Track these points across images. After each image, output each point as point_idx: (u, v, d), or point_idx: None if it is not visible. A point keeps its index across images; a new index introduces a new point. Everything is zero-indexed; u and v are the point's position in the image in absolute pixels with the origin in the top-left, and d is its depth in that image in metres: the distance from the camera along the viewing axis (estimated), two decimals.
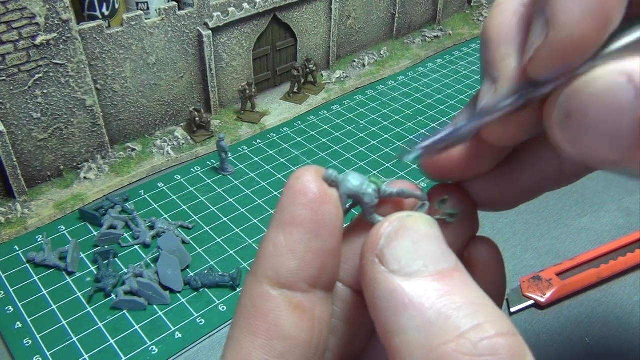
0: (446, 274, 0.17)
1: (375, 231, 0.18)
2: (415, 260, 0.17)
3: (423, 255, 0.17)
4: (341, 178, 0.20)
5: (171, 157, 0.71)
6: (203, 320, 0.51)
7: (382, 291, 0.17)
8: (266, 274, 0.18)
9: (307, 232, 0.18)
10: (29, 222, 0.61)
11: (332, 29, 0.87)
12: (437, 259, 0.17)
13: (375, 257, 0.18)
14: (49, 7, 0.58)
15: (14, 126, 0.61)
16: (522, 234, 0.61)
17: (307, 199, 0.18)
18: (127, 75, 0.68)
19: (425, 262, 0.17)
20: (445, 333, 0.16)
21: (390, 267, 0.17)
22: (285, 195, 0.19)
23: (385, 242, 0.18)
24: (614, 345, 0.49)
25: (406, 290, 0.17)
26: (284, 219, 0.19)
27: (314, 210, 0.18)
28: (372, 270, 0.18)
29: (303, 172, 0.19)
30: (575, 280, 0.53)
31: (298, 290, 0.18)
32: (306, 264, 0.18)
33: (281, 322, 0.18)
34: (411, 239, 0.18)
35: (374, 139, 0.76)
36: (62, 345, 0.49)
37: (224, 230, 0.61)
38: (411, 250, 0.17)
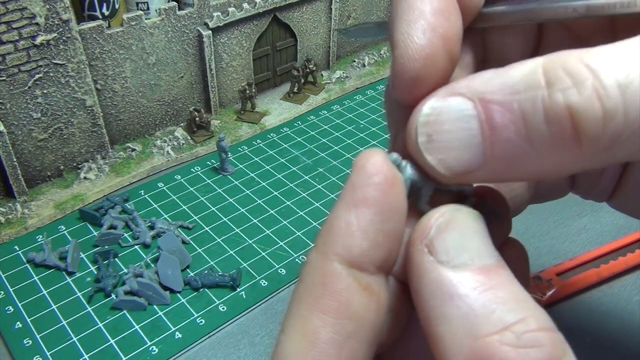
0: (491, 269, 0.18)
1: (425, 221, 0.19)
2: (462, 253, 0.18)
3: (470, 249, 0.18)
4: (404, 164, 0.20)
5: (171, 157, 0.71)
6: (203, 320, 0.51)
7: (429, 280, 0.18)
8: (337, 252, 0.18)
9: (378, 213, 0.18)
10: (29, 222, 0.61)
11: (332, 29, 0.87)
12: (483, 254, 0.18)
13: (425, 246, 0.18)
14: (49, 7, 0.58)
15: (14, 126, 0.61)
16: (522, 234, 0.61)
17: (379, 180, 0.18)
18: (127, 75, 0.68)
19: (472, 256, 0.18)
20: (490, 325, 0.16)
21: (439, 258, 0.18)
22: (356, 174, 0.19)
23: (436, 233, 0.18)
24: (614, 345, 0.49)
25: (453, 281, 0.17)
26: (355, 198, 0.18)
27: (385, 193, 0.18)
28: (421, 259, 0.18)
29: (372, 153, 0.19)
30: (575, 280, 0.53)
31: (367, 271, 0.18)
32: (377, 246, 0.18)
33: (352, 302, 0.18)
34: (460, 232, 0.18)
35: (374, 139, 0.76)
36: (62, 345, 0.49)
37: (224, 230, 0.61)
38: (459, 243, 0.18)
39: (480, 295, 0.17)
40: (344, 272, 0.18)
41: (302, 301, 0.18)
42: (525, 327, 0.16)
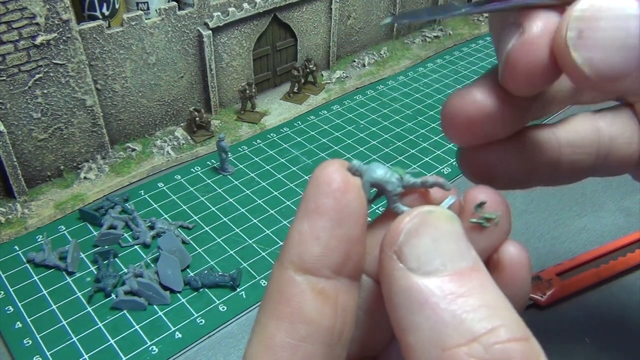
0: (464, 274, 0.17)
1: (395, 226, 0.18)
2: (434, 259, 0.17)
3: (442, 254, 0.17)
4: (365, 167, 0.20)
5: (171, 157, 0.71)
6: (203, 320, 0.51)
7: (399, 288, 0.17)
8: (291, 260, 0.19)
9: (331, 219, 0.18)
10: (29, 222, 0.61)
11: (332, 29, 0.87)
12: (456, 258, 0.17)
13: (394, 253, 0.18)
14: (49, 7, 0.58)
15: (14, 126, 0.61)
16: (522, 234, 0.61)
17: (331, 188, 0.19)
18: (127, 75, 0.68)
19: (444, 261, 0.17)
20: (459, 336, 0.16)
21: (409, 265, 0.17)
22: (310, 185, 0.19)
23: (405, 239, 0.18)
24: (614, 345, 0.49)
25: (423, 289, 0.17)
26: (308, 208, 0.19)
27: (337, 199, 0.19)
28: (390, 266, 0.18)
29: (327, 163, 0.19)
30: (575, 280, 0.53)
31: (322, 276, 0.18)
32: (330, 251, 0.18)
33: (304, 307, 0.18)
34: (431, 236, 0.18)
35: (374, 139, 0.76)
36: (62, 345, 0.49)
37: (224, 230, 0.61)
38: (430, 248, 0.17)
39: (450, 304, 0.16)
40: (298, 279, 0.18)
41: (262, 309, 0.19)
42: (495, 338, 0.16)
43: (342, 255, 0.19)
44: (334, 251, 0.19)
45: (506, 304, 0.17)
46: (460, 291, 0.16)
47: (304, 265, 0.18)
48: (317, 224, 0.19)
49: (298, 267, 0.18)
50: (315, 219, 0.19)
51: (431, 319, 0.16)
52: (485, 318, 0.16)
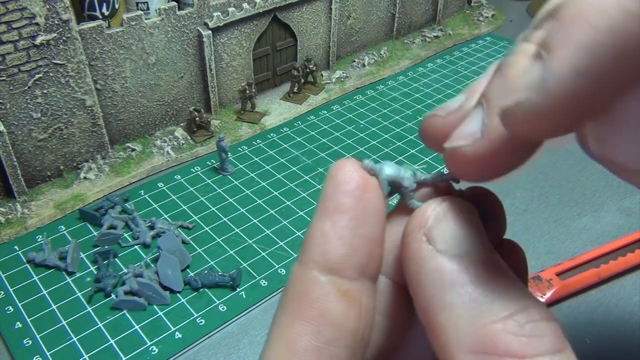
0: (488, 260, 0.18)
1: (422, 211, 0.19)
2: (461, 243, 0.18)
3: (467, 239, 0.18)
4: (378, 166, 0.20)
5: (171, 157, 0.71)
6: (203, 320, 0.51)
7: (429, 269, 0.18)
8: (315, 260, 0.18)
9: (353, 218, 0.18)
10: (29, 222, 0.61)
11: (332, 29, 0.87)
12: (479, 244, 0.18)
13: (423, 235, 0.18)
14: (49, 7, 0.58)
15: (14, 126, 0.61)
16: (522, 234, 0.61)
17: (351, 187, 0.19)
18: (127, 75, 0.68)
19: (470, 247, 0.18)
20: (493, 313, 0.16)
21: (438, 247, 0.18)
22: (329, 184, 0.19)
23: (434, 222, 0.18)
24: (614, 345, 0.49)
25: (454, 269, 0.17)
26: (329, 207, 0.19)
27: (357, 198, 0.19)
28: (419, 247, 0.18)
29: (344, 162, 0.19)
30: (575, 280, 0.53)
31: (347, 277, 0.18)
32: (355, 251, 0.18)
33: (331, 309, 0.18)
34: (457, 222, 0.18)
35: (374, 139, 0.76)
36: (62, 345, 0.49)
37: (224, 230, 0.61)
38: (457, 233, 0.18)
39: (482, 284, 0.17)
40: (323, 280, 0.18)
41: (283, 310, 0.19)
42: (528, 316, 0.16)
43: (367, 255, 0.19)
44: (358, 251, 0.18)
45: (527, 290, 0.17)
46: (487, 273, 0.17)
47: (329, 266, 0.18)
48: (340, 223, 0.18)
49: (323, 268, 0.18)
50: (337, 218, 0.18)
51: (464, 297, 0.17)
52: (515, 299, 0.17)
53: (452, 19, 1.08)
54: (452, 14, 1.08)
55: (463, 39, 1.02)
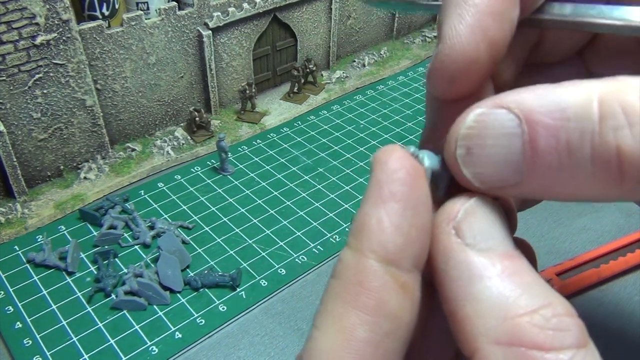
0: (514, 256, 0.18)
1: (452, 204, 0.19)
2: (488, 238, 0.18)
3: (494, 235, 0.18)
4: (421, 155, 0.20)
5: (171, 157, 0.71)
6: (203, 320, 0.51)
7: (457, 261, 0.18)
8: (372, 249, 0.18)
9: (409, 207, 0.18)
10: (29, 222, 0.61)
11: (332, 29, 0.87)
12: (505, 242, 0.18)
13: (452, 228, 0.18)
14: (49, 7, 0.58)
15: (14, 126, 0.61)
16: (522, 234, 0.60)
17: (403, 175, 0.18)
18: (127, 75, 0.68)
19: (496, 242, 0.18)
20: (519, 307, 0.17)
21: (466, 240, 0.18)
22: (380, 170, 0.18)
23: (463, 216, 0.19)
24: (614, 345, 0.49)
25: (482, 262, 0.18)
26: (383, 195, 0.18)
27: (411, 186, 0.18)
28: (448, 240, 0.18)
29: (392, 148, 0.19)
30: (575, 280, 0.53)
31: (404, 269, 0.18)
32: (411, 241, 0.18)
33: (389, 301, 0.17)
34: (485, 218, 0.19)
35: (374, 139, 0.76)
36: (62, 345, 0.49)
37: (224, 230, 0.61)
38: (485, 228, 0.18)
39: (508, 278, 0.17)
40: (381, 270, 0.18)
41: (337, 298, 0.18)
42: (553, 311, 0.17)
43: (422, 246, 0.18)
44: (414, 242, 0.18)
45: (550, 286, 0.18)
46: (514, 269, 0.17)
47: (388, 256, 0.18)
48: (396, 212, 0.18)
49: (381, 258, 0.18)
50: (392, 206, 0.18)
51: (491, 290, 0.17)
52: (541, 294, 0.17)
53: None
54: None
55: None
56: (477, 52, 0.19)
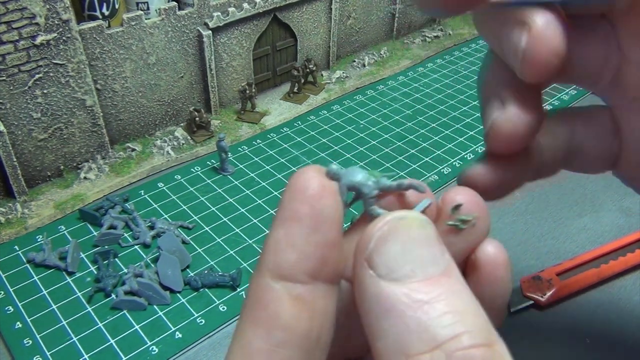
0: (434, 280, 0.17)
1: (366, 234, 0.18)
2: (403, 265, 0.17)
3: (411, 260, 0.17)
4: (343, 172, 0.20)
5: (171, 157, 0.71)
6: (203, 320, 0.51)
7: (369, 294, 0.17)
8: (268, 268, 0.19)
9: (306, 226, 0.19)
10: (29, 222, 0.61)
11: (332, 29, 0.87)
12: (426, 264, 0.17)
13: (365, 260, 0.18)
14: (49, 7, 0.58)
15: (14, 126, 0.61)
16: (522, 234, 0.61)
17: (306, 195, 0.19)
18: (127, 75, 0.68)
19: (413, 268, 0.17)
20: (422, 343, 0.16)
21: (378, 272, 0.17)
22: (286, 193, 0.20)
23: (374, 246, 0.18)
24: (614, 345, 0.49)
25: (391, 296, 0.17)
26: (284, 216, 0.19)
27: (312, 205, 0.19)
28: (361, 272, 0.18)
29: (303, 170, 0.20)
30: (575, 280, 0.53)
31: (298, 282, 0.19)
32: (306, 257, 0.19)
33: (281, 313, 0.18)
34: (401, 242, 0.18)
35: (374, 139, 0.76)
36: (62, 345, 0.49)
37: (224, 230, 0.61)
38: (400, 255, 0.18)
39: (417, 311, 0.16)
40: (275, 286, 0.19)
41: (241, 316, 0.20)
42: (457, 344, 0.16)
43: (319, 260, 0.19)
44: (310, 257, 0.19)
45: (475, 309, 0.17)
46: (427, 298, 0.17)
47: (281, 272, 0.19)
48: (293, 230, 0.19)
49: (275, 274, 0.19)
50: (290, 225, 0.19)
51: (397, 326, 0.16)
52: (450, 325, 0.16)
53: (452, 19, 1.08)
54: None
55: (463, 39, 1.02)
56: None
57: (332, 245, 0.19)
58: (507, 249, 0.62)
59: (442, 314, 0.16)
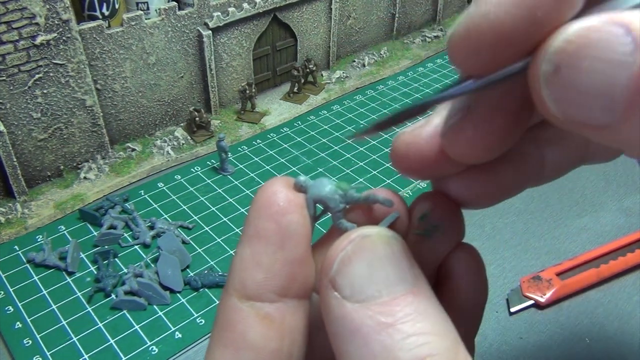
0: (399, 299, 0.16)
1: (329, 254, 0.18)
2: (367, 286, 0.17)
3: (376, 280, 0.17)
4: (310, 184, 0.20)
5: (171, 157, 0.71)
6: (203, 320, 0.51)
7: (334, 316, 0.17)
8: (235, 287, 0.19)
9: (272, 243, 0.18)
10: (29, 222, 0.61)
11: (332, 29, 0.87)
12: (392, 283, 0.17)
13: (329, 282, 0.17)
14: (49, 7, 0.58)
15: (14, 126, 0.61)
16: (522, 234, 0.61)
17: (271, 211, 0.19)
18: (127, 75, 0.68)
19: (379, 288, 0.17)
20: None
21: (342, 293, 0.17)
22: (251, 209, 0.19)
23: (338, 268, 0.17)
24: (614, 345, 0.49)
25: (355, 318, 0.16)
26: (249, 233, 0.19)
27: (277, 222, 0.18)
28: (326, 294, 0.17)
29: (269, 184, 0.19)
30: (575, 280, 0.53)
31: (266, 301, 0.18)
32: (273, 275, 0.18)
33: (248, 333, 0.18)
34: (366, 262, 0.17)
35: (374, 139, 0.76)
36: (62, 345, 0.49)
37: (224, 230, 0.61)
38: (364, 276, 0.17)
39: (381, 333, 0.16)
40: (242, 306, 0.18)
41: (211, 337, 0.19)
42: None
43: (287, 278, 0.19)
44: (277, 275, 0.18)
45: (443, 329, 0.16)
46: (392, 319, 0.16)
47: (247, 292, 0.18)
48: (258, 248, 0.18)
49: (241, 294, 0.19)
50: (256, 243, 0.18)
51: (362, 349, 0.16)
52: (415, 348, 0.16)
53: (452, 19, 1.08)
54: (452, 14, 1.08)
55: None
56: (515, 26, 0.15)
57: (300, 261, 0.19)
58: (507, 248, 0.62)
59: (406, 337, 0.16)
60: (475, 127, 0.18)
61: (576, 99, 0.14)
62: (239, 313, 0.18)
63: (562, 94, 0.14)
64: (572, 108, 0.14)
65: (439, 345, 0.16)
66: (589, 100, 0.14)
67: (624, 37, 0.13)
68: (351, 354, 0.16)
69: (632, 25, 0.13)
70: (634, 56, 0.13)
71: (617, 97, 0.13)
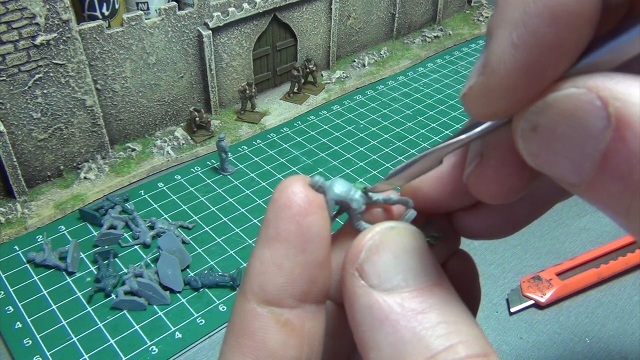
0: (425, 289, 0.17)
1: (356, 243, 0.18)
2: (395, 275, 0.17)
3: (403, 270, 0.17)
4: (328, 184, 0.19)
5: (171, 157, 0.71)
6: (203, 320, 0.51)
7: (361, 305, 0.17)
8: (253, 292, 0.18)
9: (293, 246, 0.18)
10: (29, 222, 0.61)
11: (332, 29, 0.87)
12: (418, 274, 0.17)
13: (356, 270, 0.17)
14: (49, 7, 0.58)
15: (14, 126, 0.61)
16: (522, 234, 0.61)
17: (292, 212, 0.18)
18: (127, 75, 0.68)
19: (405, 277, 0.17)
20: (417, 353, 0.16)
21: (370, 282, 0.17)
22: (270, 209, 0.18)
23: (366, 256, 0.17)
24: (614, 345, 0.49)
25: (383, 306, 0.16)
26: (269, 235, 0.18)
27: (298, 224, 0.18)
28: (352, 283, 0.17)
29: (287, 183, 0.18)
30: (575, 280, 0.53)
31: (286, 306, 0.18)
32: (294, 279, 0.18)
33: (268, 341, 0.18)
34: (393, 252, 0.17)
35: (374, 139, 0.76)
36: (62, 345, 0.49)
37: (224, 230, 0.61)
38: (392, 265, 0.17)
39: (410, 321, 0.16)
40: (261, 311, 0.18)
41: (226, 342, 0.18)
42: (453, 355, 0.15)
43: (307, 282, 0.18)
44: (298, 279, 0.18)
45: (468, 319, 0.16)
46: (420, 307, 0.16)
47: (267, 297, 0.18)
48: (279, 251, 0.18)
49: (260, 299, 0.18)
50: (276, 246, 0.18)
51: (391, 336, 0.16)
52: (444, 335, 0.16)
53: (452, 19, 1.08)
54: (452, 14, 1.08)
55: (463, 39, 1.02)
56: None
57: (321, 265, 0.18)
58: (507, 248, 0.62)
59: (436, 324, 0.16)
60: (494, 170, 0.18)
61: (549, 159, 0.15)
62: (259, 319, 0.18)
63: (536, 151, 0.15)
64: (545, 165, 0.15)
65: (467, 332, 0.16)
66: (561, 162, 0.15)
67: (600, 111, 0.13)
68: (379, 342, 0.16)
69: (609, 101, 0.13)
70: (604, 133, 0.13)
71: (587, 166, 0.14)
